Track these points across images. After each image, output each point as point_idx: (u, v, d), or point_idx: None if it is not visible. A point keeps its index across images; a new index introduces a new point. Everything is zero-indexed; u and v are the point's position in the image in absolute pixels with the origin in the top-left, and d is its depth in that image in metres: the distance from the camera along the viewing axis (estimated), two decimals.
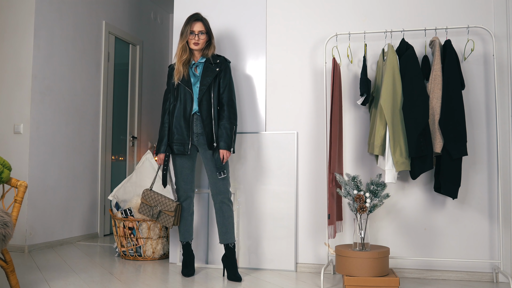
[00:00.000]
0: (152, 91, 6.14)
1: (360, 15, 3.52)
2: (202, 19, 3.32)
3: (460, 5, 3.36)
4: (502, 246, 3.10)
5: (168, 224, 3.34)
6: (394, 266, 3.33)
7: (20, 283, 3.01)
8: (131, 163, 5.69)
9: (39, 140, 4.28)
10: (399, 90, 3.09)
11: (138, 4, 5.86)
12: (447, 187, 3.08)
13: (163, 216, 3.35)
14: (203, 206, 3.70)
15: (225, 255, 3.28)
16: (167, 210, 3.33)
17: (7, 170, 2.79)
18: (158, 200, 3.38)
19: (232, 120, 3.28)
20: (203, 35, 3.30)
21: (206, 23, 3.33)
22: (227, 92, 3.30)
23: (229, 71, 3.35)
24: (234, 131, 3.28)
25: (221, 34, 3.76)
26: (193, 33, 3.28)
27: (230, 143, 3.24)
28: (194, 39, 3.28)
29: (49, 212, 4.37)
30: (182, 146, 3.29)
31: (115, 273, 3.39)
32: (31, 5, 4.25)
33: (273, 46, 3.67)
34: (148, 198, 3.42)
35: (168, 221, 3.33)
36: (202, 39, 3.30)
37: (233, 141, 3.27)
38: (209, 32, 3.34)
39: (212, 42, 3.35)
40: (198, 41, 3.28)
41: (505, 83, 3.25)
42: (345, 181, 3.01)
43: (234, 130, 3.28)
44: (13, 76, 4.27)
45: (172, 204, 3.32)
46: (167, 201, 3.35)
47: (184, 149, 3.28)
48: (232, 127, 3.27)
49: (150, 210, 3.40)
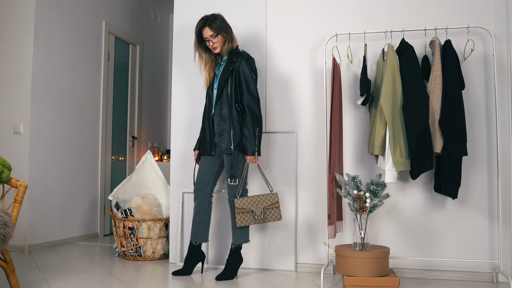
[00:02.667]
0: (152, 91, 6.14)
1: (360, 15, 3.52)
2: (208, 23, 3.22)
3: (460, 5, 3.36)
4: (502, 246, 3.10)
5: (278, 217, 3.17)
6: (394, 266, 3.33)
7: (20, 283, 3.01)
8: (131, 163, 5.69)
9: (39, 140, 4.28)
10: (399, 90, 3.09)
11: (138, 4, 5.86)
12: (447, 187, 3.08)
13: (269, 212, 3.18)
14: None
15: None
16: (270, 205, 3.18)
17: (7, 170, 2.79)
18: (254, 200, 3.18)
19: (252, 123, 3.15)
20: (215, 38, 3.24)
21: (214, 25, 3.22)
22: (245, 92, 3.17)
23: (245, 67, 3.19)
24: (255, 134, 3.15)
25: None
26: (206, 39, 3.26)
27: (251, 148, 3.14)
28: (210, 45, 3.27)
29: (49, 212, 4.37)
30: (207, 146, 3.31)
31: (115, 273, 3.39)
32: (31, 5, 4.25)
33: (273, 46, 3.67)
34: (244, 204, 3.17)
35: (277, 213, 3.17)
36: (215, 42, 3.24)
37: (256, 145, 3.14)
38: (221, 31, 3.23)
39: (228, 38, 3.25)
40: (214, 45, 3.25)
41: (505, 83, 3.25)
42: (345, 181, 3.01)
43: (255, 132, 3.15)
44: (13, 76, 4.27)
45: (272, 196, 3.18)
46: (264, 197, 3.19)
47: (208, 149, 3.30)
48: (252, 130, 3.15)
49: (251, 215, 3.17)
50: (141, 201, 3.86)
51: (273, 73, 3.66)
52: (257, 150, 3.17)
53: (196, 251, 3.35)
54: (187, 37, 3.79)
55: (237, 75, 3.20)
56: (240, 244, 3.27)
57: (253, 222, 3.17)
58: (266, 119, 3.64)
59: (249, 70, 3.20)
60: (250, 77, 3.20)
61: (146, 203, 3.86)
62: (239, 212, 3.17)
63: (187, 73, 3.79)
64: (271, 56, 3.67)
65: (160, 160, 5.86)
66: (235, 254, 3.27)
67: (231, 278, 3.22)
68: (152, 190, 4.06)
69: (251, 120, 3.16)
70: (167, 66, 6.52)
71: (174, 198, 3.76)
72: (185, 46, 3.81)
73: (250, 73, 3.20)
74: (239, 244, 3.27)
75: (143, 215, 3.84)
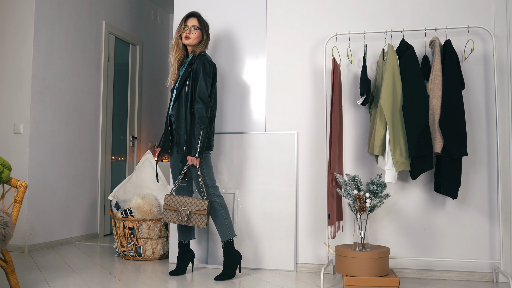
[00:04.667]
0: (152, 91, 6.14)
1: (360, 15, 3.52)
2: (198, 16, 3.32)
3: (460, 5, 3.36)
4: (502, 246, 3.10)
5: (202, 224, 3.17)
6: (394, 266, 3.33)
7: (20, 283, 3.01)
8: (131, 163, 5.69)
9: (39, 140, 4.28)
10: (399, 90, 3.09)
11: (138, 4, 5.86)
12: (447, 187, 3.08)
13: (195, 217, 3.18)
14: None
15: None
16: (198, 210, 3.18)
17: (7, 170, 2.79)
18: (185, 202, 3.21)
19: (197, 125, 3.12)
20: (195, 31, 3.27)
21: (202, 21, 3.32)
22: (195, 94, 3.17)
23: (202, 68, 3.19)
24: (199, 135, 3.11)
25: (221, 34, 3.76)
26: (187, 27, 3.28)
27: (194, 149, 3.11)
28: (186, 32, 3.27)
29: (49, 212, 4.37)
30: (167, 144, 3.36)
31: (115, 273, 3.39)
32: (31, 5, 4.25)
33: (273, 46, 3.67)
34: (173, 202, 3.22)
35: (201, 221, 3.17)
36: (194, 33, 3.27)
37: (198, 146, 3.10)
38: (203, 30, 3.30)
39: (204, 40, 3.30)
40: (189, 34, 3.26)
41: (505, 83, 3.25)
42: (345, 181, 3.01)
43: (199, 134, 3.11)
44: (13, 76, 4.27)
45: (202, 203, 3.18)
46: (195, 201, 3.19)
47: (169, 148, 3.35)
48: (196, 131, 3.11)
49: (177, 214, 3.20)
50: (141, 201, 3.86)
51: (273, 73, 3.66)
52: (199, 152, 3.12)
53: (187, 249, 3.39)
54: None
55: (195, 77, 3.22)
56: (229, 239, 3.24)
57: (178, 222, 3.20)
58: (266, 119, 3.64)
59: (203, 73, 3.19)
60: (203, 79, 3.18)
61: (146, 203, 3.86)
62: (167, 208, 3.22)
63: None
64: (271, 56, 3.67)
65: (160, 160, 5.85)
66: (229, 250, 3.24)
67: (232, 277, 3.22)
68: (152, 190, 4.06)
69: (197, 122, 3.13)
70: (167, 66, 6.52)
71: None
72: None
73: (204, 75, 3.19)
74: (227, 239, 3.24)
75: (143, 215, 3.84)
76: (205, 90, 3.18)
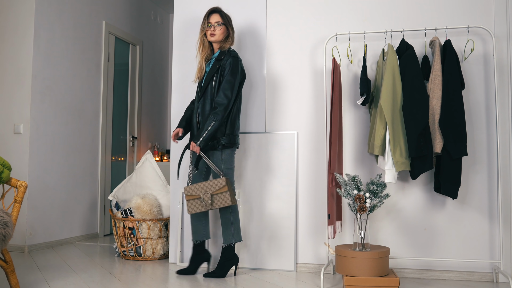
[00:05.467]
0: (152, 91, 6.14)
1: (360, 15, 3.52)
2: (220, 11, 3.31)
3: (460, 5, 3.36)
4: (502, 246, 3.10)
5: (227, 202, 3.09)
6: (394, 266, 3.33)
7: (20, 283, 3.01)
8: (131, 163, 5.69)
9: (39, 140, 4.28)
10: (399, 90, 3.09)
11: (138, 4, 5.87)
12: (447, 187, 3.08)
13: (218, 198, 3.11)
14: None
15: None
16: (218, 190, 3.10)
17: (7, 170, 2.79)
18: (203, 186, 3.13)
19: (213, 116, 3.13)
20: (220, 27, 3.27)
21: (225, 16, 3.31)
22: (220, 89, 3.18)
23: (230, 65, 3.19)
24: (208, 127, 3.11)
25: None
26: (210, 24, 3.27)
27: (200, 137, 3.12)
28: (210, 30, 3.26)
29: (49, 212, 4.37)
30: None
31: (115, 273, 3.39)
32: (31, 5, 4.25)
33: (273, 46, 3.67)
34: (192, 190, 3.16)
35: (225, 199, 3.09)
36: (218, 30, 3.26)
37: (201, 134, 3.12)
38: (228, 24, 3.30)
39: (230, 35, 3.31)
40: (214, 31, 3.25)
41: (505, 83, 3.25)
42: (345, 181, 3.01)
43: (209, 125, 3.12)
44: (13, 76, 4.27)
45: (220, 180, 3.10)
46: (212, 182, 3.12)
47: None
48: (208, 121, 3.12)
49: (200, 201, 3.13)
50: (141, 201, 3.86)
51: (273, 73, 3.66)
52: (201, 141, 3.12)
53: (200, 250, 3.35)
54: (187, 37, 3.79)
55: (222, 73, 3.21)
56: (230, 244, 3.25)
57: (204, 209, 3.13)
58: (266, 119, 3.64)
59: (231, 68, 3.19)
60: (229, 74, 3.19)
61: (146, 203, 3.86)
62: (189, 199, 3.16)
63: (187, 73, 3.79)
64: (271, 56, 3.67)
65: (160, 160, 5.86)
66: (226, 254, 3.25)
67: (220, 276, 3.21)
68: (152, 190, 4.06)
69: (213, 113, 3.14)
70: (167, 66, 6.52)
71: (174, 198, 3.76)
72: (185, 46, 3.81)
73: (231, 71, 3.19)
74: (229, 243, 3.25)
75: (143, 215, 3.84)
76: (229, 85, 3.18)
